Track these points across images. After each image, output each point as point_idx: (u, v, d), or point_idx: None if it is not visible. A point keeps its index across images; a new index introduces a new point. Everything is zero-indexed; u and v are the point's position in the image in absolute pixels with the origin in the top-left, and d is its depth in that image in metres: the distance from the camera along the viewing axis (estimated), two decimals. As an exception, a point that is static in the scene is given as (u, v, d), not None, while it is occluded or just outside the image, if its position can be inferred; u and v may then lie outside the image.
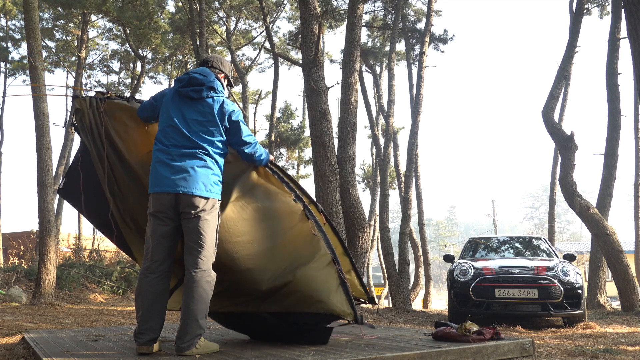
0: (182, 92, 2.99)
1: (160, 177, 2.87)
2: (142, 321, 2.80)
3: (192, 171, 2.85)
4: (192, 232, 2.84)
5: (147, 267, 2.88)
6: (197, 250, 2.82)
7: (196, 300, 2.76)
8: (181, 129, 2.92)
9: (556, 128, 10.82)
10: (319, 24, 8.35)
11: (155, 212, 2.89)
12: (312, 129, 8.25)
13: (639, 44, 3.89)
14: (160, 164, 2.90)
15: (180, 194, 2.83)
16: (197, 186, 2.83)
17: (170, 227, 2.89)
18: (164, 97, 3.06)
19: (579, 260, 21.52)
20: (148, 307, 2.82)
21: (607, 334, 5.20)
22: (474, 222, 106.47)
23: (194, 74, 3.01)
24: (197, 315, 2.76)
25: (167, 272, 2.91)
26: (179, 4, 19.92)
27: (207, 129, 2.94)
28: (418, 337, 3.44)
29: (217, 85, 3.04)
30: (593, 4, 16.13)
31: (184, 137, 2.91)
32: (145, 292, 2.85)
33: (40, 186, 8.77)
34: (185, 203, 2.83)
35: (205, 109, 2.96)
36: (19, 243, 17.51)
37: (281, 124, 22.40)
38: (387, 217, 14.79)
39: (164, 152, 2.91)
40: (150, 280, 2.85)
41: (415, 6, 18.21)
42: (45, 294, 8.59)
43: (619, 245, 9.64)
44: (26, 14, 9.02)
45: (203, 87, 2.96)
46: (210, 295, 2.84)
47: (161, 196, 2.87)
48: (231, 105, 3.04)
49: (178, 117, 2.95)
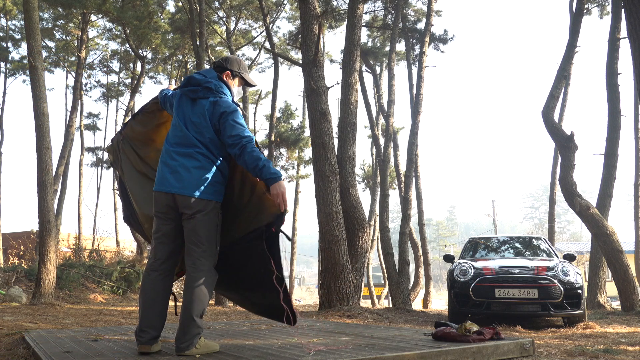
0: (183, 92, 3.01)
1: (160, 175, 2.91)
2: (143, 318, 2.82)
3: (186, 172, 2.84)
4: (189, 234, 2.86)
5: (150, 265, 2.92)
6: (194, 251, 2.84)
7: (194, 300, 2.76)
8: (182, 129, 2.93)
9: (556, 128, 10.82)
10: (319, 24, 8.35)
11: (157, 212, 2.93)
12: (312, 129, 8.25)
13: (639, 44, 3.89)
14: (162, 163, 2.93)
15: (175, 195, 2.84)
16: (191, 187, 2.82)
17: (171, 226, 2.91)
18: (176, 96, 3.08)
19: (579, 260, 21.52)
20: (149, 304, 2.84)
21: (607, 334, 5.20)
22: (474, 222, 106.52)
23: (194, 75, 3.02)
24: (195, 314, 2.76)
25: (170, 270, 2.93)
26: (179, 4, 19.92)
27: (201, 130, 2.91)
28: (418, 337, 3.44)
29: (215, 86, 2.98)
30: (593, 4, 16.13)
31: (183, 137, 2.92)
32: (147, 289, 2.87)
33: (40, 186, 8.77)
34: (181, 204, 2.85)
35: (200, 109, 2.93)
36: (19, 243, 17.53)
37: (281, 124, 22.39)
38: (387, 217, 14.79)
39: (167, 151, 2.94)
40: (153, 278, 2.88)
41: (415, 6, 18.23)
42: (45, 294, 8.59)
43: (619, 245, 9.63)
44: (26, 14, 9.02)
45: (199, 87, 2.95)
46: (209, 295, 2.84)
47: (159, 195, 2.89)
48: (225, 104, 2.92)
49: (180, 116, 2.97)
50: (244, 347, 3.11)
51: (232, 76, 3.11)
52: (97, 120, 25.89)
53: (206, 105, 2.92)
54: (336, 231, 7.68)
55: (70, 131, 18.69)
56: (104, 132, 26.28)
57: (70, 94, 21.48)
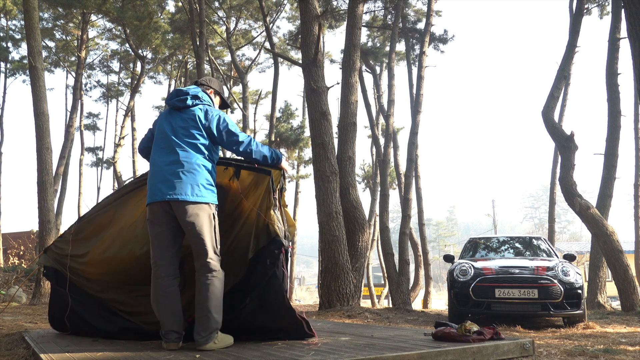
0: (170, 104, 3.23)
1: (151, 188, 3.08)
2: (165, 323, 3.02)
3: (177, 178, 3.01)
4: (192, 238, 3.04)
5: (154, 272, 3.09)
6: (202, 254, 3.03)
7: (210, 299, 2.97)
8: (168, 138, 3.12)
9: (556, 128, 10.81)
10: (319, 24, 8.34)
11: (151, 219, 3.09)
12: (312, 129, 8.25)
13: (639, 44, 3.89)
14: (151, 174, 3.12)
15: (170, 201, 3.00)
16: (184, 192, 2.99)
17: (167, 230, 3.07)
18: (157, 118, 3.31)
19: (579, 260, 21.52)
20: (164, 310, 3.03)
21: (607, 334, 5.19)
22: (474, 222, 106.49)
23: (180, 88, 3.27)
24: (212, 311, 2.97)
25: (175, 274, 3.11)
26: (179, 4, 19.92)
27: (192, 134, 3.10)
28: (418, 337, 3.44)
29: (202, 95, 3.25)
30: (593, 4, 16.13)
31: (169, 146, 3.10)
32: (158, 297, 3.05)
33: (40, 186, 8.77)
34: (176, 209, 3.01)
35: (189, 115, 3.15)
36: (19, 243, 17.51)
37: (281, 124, 22.39)
38: (387, 217, 14.78)
39: (154, 164, 3.12)
40: (161, 285, 3.05)
41: (415, 6, 18.22)
42: (45, 294, 8.59)
43: (619, 245, 9.63)
44: (26, 14, 9.02)
45: (187, 95, 3.18)
46: (222, 291, 3.05)
47: (153, 206, 3.07)
48: (216, 111, 3.21)
49: (167, 126, 3.16)
50: (244, 346, 3.11)
51: (214, 94, 3.46)
52: (97, 120, 25.94)
53: (196, 112, 3.15)
54: (336, 231, 7.68)
55: (70, 131, 18.70)
56: (104, 132, 26.32)
57: (70, 94, 21.52)
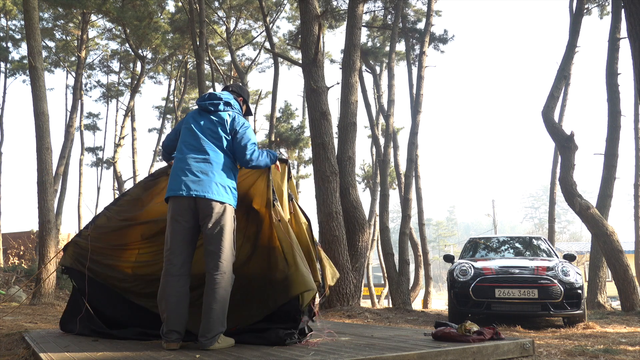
0: (201, 106, 3.35)
1: (177, 182, 3.13)
2: (169, 323, 3.03)
3: (205, 176, 3.10)
4: (210, 237, 3.08)
5: (166, 270, 3.11)
6: (216, 254, 3.06)
7: (218, 301, 3.01)
8: (198, 138, 3.22)
9: (556, 128, 10.81)
10: (319, 24, 8.35)
11: (174, 215, 3.13)
12: (312, 129, 8.25)
13: (639, 44, 3.89)
14: (178, 170, 3.18)
15: (196, 198, 3.07)
16: (211, 190, 3.08)
17: (187, 227, 3.12)
18: (185, 117, 3.42)
19: (579, 260, 21.52)
20: (173, 308, 3.05)
21: (607, 334, 5.19)
22: (474, 222, 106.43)
23: (214, 92, 3.42)
24: (219, 314, 3.01)
25: (187, 274, 3.14)
26: (179, 4, 19.92)
27: (220, 137, 3.23)
28: (418, 337, 3.44)
29: (234, 102, 3.41)
30: (593, 4, 16.13)
31: (199, 145, 3.20)
32: (168, 295, 3.07)
33: (40, 186, 8.76)
34: (201, 207, 3.08)
35: (219, 119, 3.29)
36: (19, 243, 17.50)
37: (281, 124, 22.40)
38: (387, 217, 14.78)
39: (182, 160, 3.19)
40: (173, 283, 3.07)
41: (415, 6, 18.22)
42: (45, 294, 8.59)
43: (619, 245, 9.62)
44: (26, 14, 9.01)
45: (220, 101, 3.34)
46: (229, 294, 3.08)
47: (178, 199, 3.12)
48: (243, 120, 3.37)
49: (197, 127, 3.27)
50: (244, 347, 3.11)
51: (243, 102, 3.60)
52: (97, 120, 25.93)
53: (225, 117, 3.30)
54: (336, 231, 7.69)
55: (70, 131, 18.68)
56: (104, 132, 26.33)
57: (70, 94, 21.49)
